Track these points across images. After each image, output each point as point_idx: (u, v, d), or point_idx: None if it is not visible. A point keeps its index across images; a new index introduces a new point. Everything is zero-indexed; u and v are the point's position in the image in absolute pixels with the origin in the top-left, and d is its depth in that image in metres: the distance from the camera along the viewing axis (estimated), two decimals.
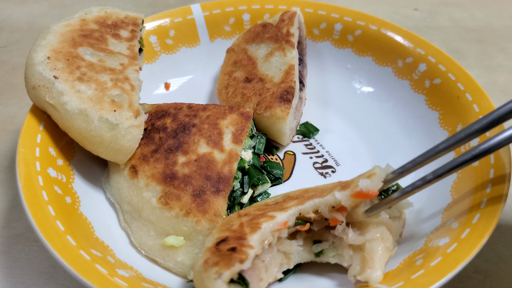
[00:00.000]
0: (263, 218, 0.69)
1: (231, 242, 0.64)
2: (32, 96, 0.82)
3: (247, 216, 0.72)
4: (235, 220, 0.72)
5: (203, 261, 0.63)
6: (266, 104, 0.96)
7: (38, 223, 0.68)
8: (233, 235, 0.66)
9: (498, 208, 0.69)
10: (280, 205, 0.74)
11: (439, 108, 0.98)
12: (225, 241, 0.65)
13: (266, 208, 0.75)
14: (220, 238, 0.67)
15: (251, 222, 0.69)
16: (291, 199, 0.76)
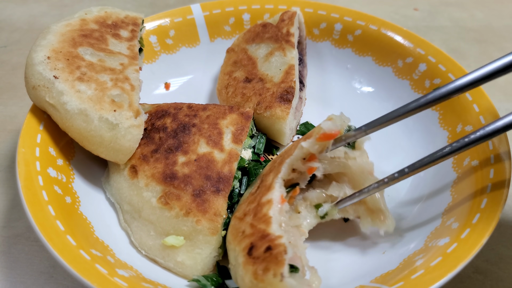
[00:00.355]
0: (263, 207, 0.70)
1: (260, 245, 0.64)
2: (32, 96, 0.82)
3: (248, 215, 0.72)
4: (242, 225, 0.71)
5: (251, 275, 0.62)
6: (266, 104, 0.96)
7: (38, 223, 0.68)
8: (255, 238, 0.66)
9: (498, 208, 0.69)
10: (263, 186, 0.75)
11: (439, 108, 0.98)
12: (253, 248, 0.65)
13: (255, 197, 0.75)
14: (246, 247, 0.66)
15: (257, 217, 0.69)
16: (267, 175, 0.78)
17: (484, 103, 0.89)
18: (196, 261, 0.76)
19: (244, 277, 0.64)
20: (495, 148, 0.80)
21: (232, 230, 0.73)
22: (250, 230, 0.68)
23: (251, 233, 0.68)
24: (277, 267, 0.60)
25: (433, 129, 0.97)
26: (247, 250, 0.65)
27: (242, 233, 0.69)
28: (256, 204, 0.72)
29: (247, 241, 0.67)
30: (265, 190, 0.73)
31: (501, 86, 1.27)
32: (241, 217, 0.74)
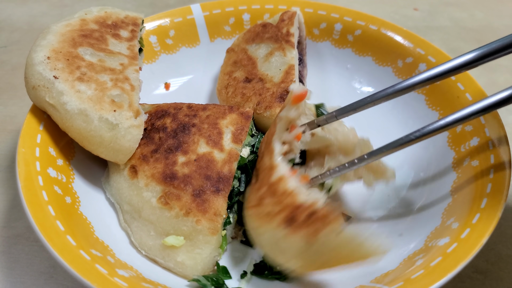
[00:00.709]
0: (278, 185, 0.70)
1: (299, 215, 0.65)
2: (32, 96, 0.82)
3: (265, 199, 0.72)
4: (263, 208, 0.71)
5: (302, 240, 0.64)
6: (266, 104, 0.96)
7: (38, 223, 0.68)
8: (288, 211, 0.67)
9: (498, 208, 0.69)
10: (263, 171, 0.76)
11: (439, 108, 0.98)
12: (293, 218, 0.66)
13: (260, 184, 0.75)
14: (283, 221, 0.67)
15: (278, 195, 0.70)
16: (260, 162, 0.79)
17: None
18: (196, 261, 0.76)
19: (292, 246, 0.65)
20: (495, 148, 0.80)
21: (254, 217, 0.73)
22: (277, 207, 0.69)
23: (280, 209, 0.68)
24: (332, 224, 0.62)
25: None
26: (286, 222, 0.66)
27: (268, 214, 0.70)
28: (267, 187, 0.73)
29: (281, 217, 0.67)
30: (268, 172, 0.74)
31: (501, 86, 1.27)
32: (256, 204, 0.74)
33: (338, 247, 0.62)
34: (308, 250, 0.64)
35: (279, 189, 0.70)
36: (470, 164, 0.82)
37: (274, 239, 0.68)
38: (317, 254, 0.65)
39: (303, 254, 0.65)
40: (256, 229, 0.73)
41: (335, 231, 0.62)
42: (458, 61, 0.72)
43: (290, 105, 0.77)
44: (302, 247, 0.65)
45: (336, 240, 0.62)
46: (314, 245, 0.63)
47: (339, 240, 0.62)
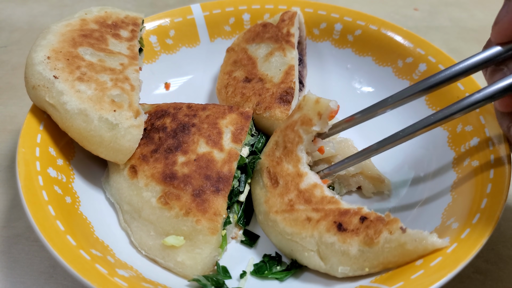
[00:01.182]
0: (313, 191, 0.76)
1: (348, 220, 0.70)
2: (32, 96, 0.82)
3: (299, 204, 0.76)
4: (301, 214, 0.75)
5: (359, 244, 0.68)
6: (265, 105, 0.96)
7: (38, 223, 0.68)
8: (334, 217, 0.72)
9: (498, 208, 0.69)
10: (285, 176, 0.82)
11: (439, 108, 0.98)
12: (342, 224, 0.70)
13: (285, 188, 0.79)
14: (331, 227, 0.71)
15: (316, 202, 0.76)
16: (278, 166, 0.84)
17: None
18: (196, 261, 0.76)
19: (347, 251, 0.68)
20: (495, 149, 0.80)
21: (287, 222, 0.75)
22: (319, 214, 0.73)
23: (323, 215, 0.72)
24: (392, 225, 0.66)
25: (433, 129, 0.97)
26: (336, 228, 0.70)
27: (308, 220, 0.73)
28: (297, 193, 0.77)
29: (326, 222, 0.71)
30: (295, 178, 0.79)
31: None
32: (286, 209, 0.76)
33: (403, 245, 0.65)
34: (367, 252, 0.67)
35: (316, 196, 0.75)
36: (470, 164, 0.82)
37: (323, 244, 0.71)
38: (377, 255, 0.67)
39: (360, 256, 0.68)
40: (294, 234, 0.74)
41: (399, 230, 0.65)
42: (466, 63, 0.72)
43: (328, 119, 0.81)
44: (360, 250, 0.68)
45: (401, 239, 0.65)
46: (374, 246, 0.67)
47: (404, 238, 0.65)
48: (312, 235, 0.72)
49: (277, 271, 0.78)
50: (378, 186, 0.92)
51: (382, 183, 0.91)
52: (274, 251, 0.83)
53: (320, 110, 0.81)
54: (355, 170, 0.90)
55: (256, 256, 0.83)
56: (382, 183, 0.91)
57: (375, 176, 0.91)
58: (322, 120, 0.81)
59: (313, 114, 0.81)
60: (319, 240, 0.71)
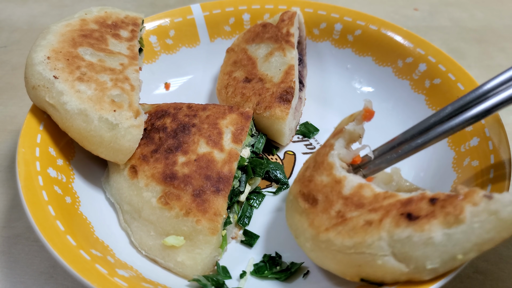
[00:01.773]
0: (361, 192, 0.65)
1: (416, 208, 0.59)
2: (32, 96, 0.82)
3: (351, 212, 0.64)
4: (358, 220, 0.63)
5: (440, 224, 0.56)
6: (265, 104, 0.96)
7: (38, 223, 0.68)
8: (398, 210, 0.60)
9: None
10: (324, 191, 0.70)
11: (439, 108, 0.98)
12: (411, 213, 0.58)
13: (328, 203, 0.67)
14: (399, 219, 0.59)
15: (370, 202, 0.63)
16: (310, 184, 0.73)
17: None
18: (196, 261, 0.76)
19: (430, 239, 0.56)
20: (495, 149, 0.80)
21: (343, 235, 0.63)
22: (378, 213, 0.61)
23: (384, 213, 0.61)
24: (472, 196, 0.55)
25: None
26: (406, 220, 0.58)
27: (369, 224, 0.61)
28: (343, 201, 0.65)
29: (392, 218, 0.60)
30: (334, 187, 0.67)
31: None
32: (337, 222, 0.64)
33: (495, 214, 0.54)
34: (454, 234, 0.55)
35: (366, 197, 0.64)
36: (470, 164, 0.82)
37: (397, 243, 0.59)
38: (468, 235, 0.55)
39: (447, 241, 0.56)
40: (358, 245, 0.62)
41: (484, 199, 0.54)
42: None
43: (362, 118, 0.73)
44: (445, 233, 0.55)
45: (491, 207, 0.54)
46: (461, 224, 0.55)
47: (495, 206, 0.54)
48: (380, 237, 0.60)
49: (277, 271, 0.78)
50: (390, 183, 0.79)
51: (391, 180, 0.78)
52: (274, 251, 0.83)
53: (354, 116, 0.74)
54: (392, 189, 0.75)
55: (256, 256, 0.83)
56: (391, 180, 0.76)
57: (414, 191, 0.76)
58: (356, 120, 0.73)
59: (346, 122, 0.75)
60: (390, 240, 0.59)
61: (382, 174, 0.77)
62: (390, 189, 0.74)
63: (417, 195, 0.61)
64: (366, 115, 0.73)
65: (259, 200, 0.92)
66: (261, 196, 0.93)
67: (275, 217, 0.90)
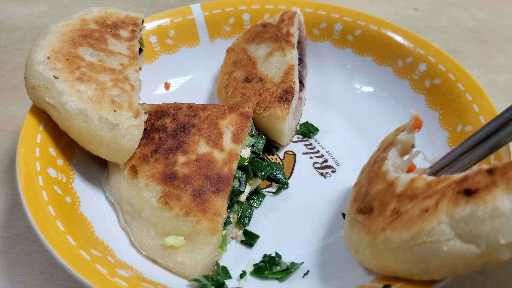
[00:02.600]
0: (412, 185, 0.61)
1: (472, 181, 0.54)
2: (32, 96, 0.82)
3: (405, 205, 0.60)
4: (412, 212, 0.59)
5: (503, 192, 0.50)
6: (265, 104, 0.96)
7: (38, 223, 0.68)
8: (454, 189, 0.55)
9: None
10: (376, 197, 0.67)
11: (439, 108, 0.98)
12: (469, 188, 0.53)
13: (381, 209, 0.65)
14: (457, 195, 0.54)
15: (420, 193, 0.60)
16: (368, 193, 0.70)
17: (484, 103, 0.89)
18: (196, 261, 0.76)
19: (498, 208, 0.50)
20: None
21: (404, 226, 0.58)
22: (431, 199, 0.57)
23: (439, 197, 0.56)
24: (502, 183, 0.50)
25: (433, 129, 0.97)
26: (465, 196, 0.53)
27: (424, 211, 0.57)
28: (397, 200, 0.62)
29: (447, 200, 0.55)
30: (387, 190, 0.65)
31: (501, 86, 1.27)
32: (392, 219, 0.61)
33: None
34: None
35: (419, 188, 0.60)
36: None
37: (461, 222, 0.53)
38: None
39: None
40: (417, 234, 0.57)
41: None
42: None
43: (412, 127, 0.71)
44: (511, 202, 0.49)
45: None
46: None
47: None
48: (439, 221, 0.54)
49: (277, 271, 0.78)
50: None
51: None
52: (274, 251, 0.83)
53: (404, 127, 0.72)
54: None
55: (256, 256, 0.83)
56: None
57: None
58: (405, 131, 0.71)
59: (393, 136, 0.74)
60: (451, 221, 0.53)
61: None
62: None
63: (472, 171, 0.55)
64: (416, 124, 0.71)
65: (259, 200, 0.92)
66: (261, 196, 0.93)
67: (275, 217, 0.90)
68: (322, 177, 0.97)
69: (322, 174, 0.98)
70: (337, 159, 1.01)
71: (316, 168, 0.99)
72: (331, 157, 1.01)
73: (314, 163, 1.00)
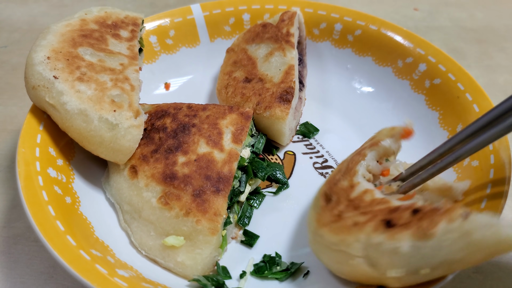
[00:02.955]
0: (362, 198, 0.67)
1: (398, 216, 0.59)
2: (32, 96, 0.82)
3: (347, 212, 0.66)
4: (346, 221, 0.64)
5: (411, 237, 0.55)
6: (265, 104, 0.96)
7: (38, 223, 0.68)
8: (382, 216, 0.61)
9: (498, 208, 0.69)
10: (338, 193, 0.72)
11: (439, 108, 0.98)
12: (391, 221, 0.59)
13: (336, 203, 0.70)
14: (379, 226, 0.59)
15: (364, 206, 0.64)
16: (336, 186, 0.74)
17: (484, 103, 0.89)
18: (196, 261, 0.76)
19: (397, 248, 0.56)
20: (495, 148, 0.80)
21: (333, 232, 0.65)
22: (365, 216, 0.62)
23: (370, 217, 0.62)
24: (450, 213, 0.53)
25: (433, 129, 0.97)
26: (383, 226, 0.59)
27: (354, 225, 0.62)
28: (347, 203, 0.67)
29: (374, 223, 0.60)
30: (347, 191, 0.70)
31: (501, 86, 1.27)
32: (334, 220, 0.67)
33: (467, 234, 0.51)
34: (422, 248, 0.54)
35: (365, 201, 0.66)
36: (470, 164, 0.82)
37: (371, 247, 0.60)
38: (436, 250, 0.54)
39: (414, 254, 0.55)
40: (340, 242, 0.64)
41: (460, 218, 0.51)
42: None
43: (400, 137, 0.74)
44: (412, 245, 0.55)
45: (464, 227, 0.51)
46: (430, 239, 0.53)
47: (468, 225, 0.51)
48: (358, 239, 0.61)
49: (277, 271, 0.78)
50: (448, 194, 0.77)
51: (449, 190, 0.77)
52: (274, 251, 0.83)
53: (393, 132, 0.75)
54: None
55: (256, 256, 0.83)
56: (450, 190, 0.77)
57: (439, 187, 0.77)
58: (393, 137, 0.74)
59: (384, 136, 0.76)
60: (366, 243, 0.60)
61: (438, 184, 0.77)
62: None
63: (407, 204, 0.61)
64: (405, 134, 0.74)
65: (259, 200, 0.92)
66: (261, 196, 0.93)
67: (275, 217, 0.90)
68: (322, 177, 0.97)
69: (322, 174, 0.98)
70: (337, 159, 1.01)
71: (316, 168, 0.99)
72: (331, 157, 1.01)
73: (314, 163, 1.00)
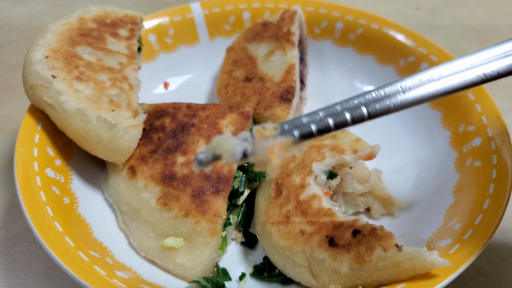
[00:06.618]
0: (310, 203, 0.72)
1: (340, 234, 0.66)
2: (30, 95, 0.81)
3: (295, 216, 0.72)
4: (294, 227, 0.71)
5: (350, 261, 0.63)
6: (266, 104, 0.95)
7: (36, 224, 0.67)
8: (327, 231, 0.67)
9: (501, 209, 0.69)
10: (289, 187, 0.77)
11: (441, 108, 0.97)
12: (334, 239, 0.66)
13: (284, 200, 0.75)
14: (323, 242, 0.66)
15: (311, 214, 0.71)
16: (287, 178, 0.79)
17: (486, 102, 0.88)
18: (196, 263, 0.75)
19: (337, 268, 0.64)
20: (497, 149, 0.79)
21: (281, 235, 0.72)
22: (312, 227, 0.69)
23: (317, 229, 0.68)
24: (386, 241, 0.62)
25: (435, 129, 0.96)
26: (327, 244, 0.66)
27: (301, 233, 0.70)
28: (296, 204, 0.73)
29: (319, 237, 0.67)
30: (297, 190, 0.75)
31: (503, 85, 1.26)
32: (283, 221, 0.73)
33: (399, 263, 0.61)
34: (359, 270, 0.63)
35: (312, 207, 0.71)
36: (473, 164, 0.82)
37: (314, 261, 0.67)
38: (370, 273, 0.63)
39: (352, 275, 0.64)
40: (286, 248, 0.71)
41: (394, 248, 0.61)
42: None
43: (360, 158, 0.79)
44: (351, 268, 0.63)
45: (396, 258, 0.60)
46: (366, 264, 0.62)
47: (400, 257, 0.60)
48: (303, 250, 0.68)
49: (277, 274, 0.78)
50: (388, 208, 0.86)
51: (392, 205, 0.86)
52: None
53: (357, 148, 0.79)
54: (364, 189, 0.84)
55: (256, 258, 0.82)
56: (392, 205, 0.86)
57: (385, 197, 0.85)
58: (356, 155, 0.79)
59: (348, 148, 0.80)
60: (310, 255, 0.68)
61: (360, 171, 0.83)
62: (364, 188, 0.83)
63: (349, 221, 0.67)
64: (367, 157, 0.79)
65: None
66: None
67: None
68: None
69: None
70: None
71: None
72: None
73: None
